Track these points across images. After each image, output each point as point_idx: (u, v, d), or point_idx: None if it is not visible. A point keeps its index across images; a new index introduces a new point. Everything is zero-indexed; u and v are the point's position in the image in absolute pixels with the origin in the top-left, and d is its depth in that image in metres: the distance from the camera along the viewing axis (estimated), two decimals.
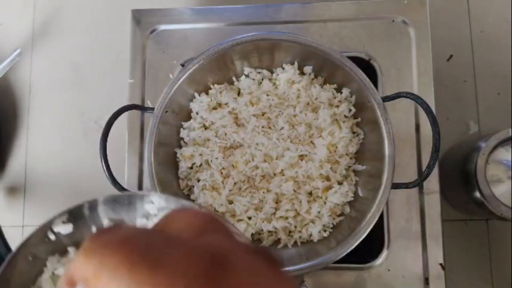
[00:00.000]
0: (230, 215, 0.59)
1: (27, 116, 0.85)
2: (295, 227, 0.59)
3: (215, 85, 0.63)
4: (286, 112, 0.61)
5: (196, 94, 0.63)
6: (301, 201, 0.58)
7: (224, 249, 0.22)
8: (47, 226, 0.41)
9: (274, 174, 0.60)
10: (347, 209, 0.60)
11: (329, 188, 0.59)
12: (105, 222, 0.42)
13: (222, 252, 0.22)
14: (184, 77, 0.59)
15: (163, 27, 0.70)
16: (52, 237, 0.41)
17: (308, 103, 0.61)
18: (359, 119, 0.62)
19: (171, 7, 0.71)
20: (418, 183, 0.55)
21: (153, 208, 0.41)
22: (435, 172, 0.63)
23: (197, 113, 0.63)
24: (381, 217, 0.59)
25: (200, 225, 0.24)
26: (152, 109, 0.59)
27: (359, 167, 0.60)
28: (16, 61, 0.82)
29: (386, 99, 0.55)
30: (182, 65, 0.68)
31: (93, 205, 0.41)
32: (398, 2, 0.68)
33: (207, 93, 0.64)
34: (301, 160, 0.60)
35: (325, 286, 0.62)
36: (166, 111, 0.59)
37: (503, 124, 0.77)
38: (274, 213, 0.59)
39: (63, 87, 0.86)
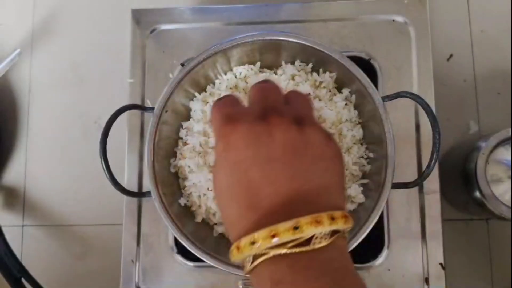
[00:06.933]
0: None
1: (27, 116, 0.85)
2: None
3: (215, 84, 0.63)
4: None
5: (196, 94, 0.63)
6: None
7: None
8: None
9: None
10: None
11: None
12: None
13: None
14: (184, 77, 0.59)
15: (163, 26, 0.70)
16: None
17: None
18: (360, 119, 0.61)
19: (171, 6, 0.71)
20: (418, 183, 0.54)
21: None
22: (435, 172, 0.63)
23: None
24: (381, 217, 0.59)
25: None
26: (152, 109, 0.58)
27: (367, 167, 0.60)
28: (16, 61, 0.82)
29: (386, 98, 0.55)
30: (182, 65, 0.68)
31: None
32: (398, 2, 0.68)
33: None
34: None
35: None
36: (166, 111, 0.59)
37: (503, 124, 0.77)
38: None
39: (63, 86, 0.86)
